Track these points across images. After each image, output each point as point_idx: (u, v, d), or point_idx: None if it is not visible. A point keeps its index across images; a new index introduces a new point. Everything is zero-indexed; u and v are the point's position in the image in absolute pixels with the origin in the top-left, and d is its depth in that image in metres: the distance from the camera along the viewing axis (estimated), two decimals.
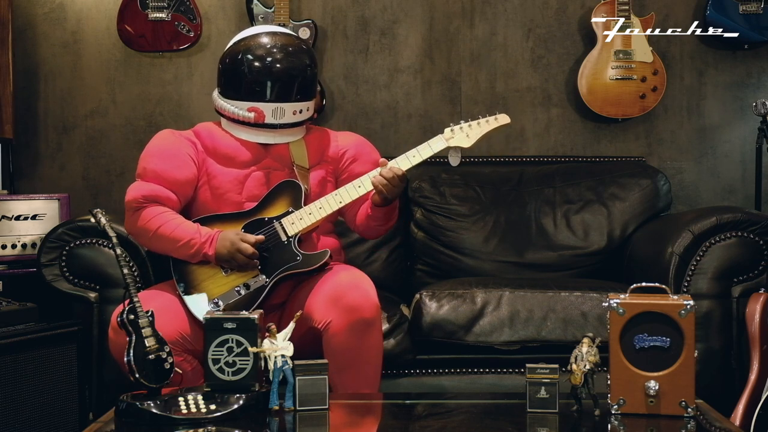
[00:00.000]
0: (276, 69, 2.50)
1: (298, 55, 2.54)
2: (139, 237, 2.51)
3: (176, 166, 2.48)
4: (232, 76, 2.53)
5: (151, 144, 2.54)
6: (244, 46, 2.54)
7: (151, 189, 2.45)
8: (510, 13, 3.70)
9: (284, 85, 2.51)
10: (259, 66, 2.50)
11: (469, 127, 2.53)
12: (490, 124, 2.54)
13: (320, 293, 2.36)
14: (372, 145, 2.72)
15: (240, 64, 2.51)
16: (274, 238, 2.44)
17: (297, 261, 2.42)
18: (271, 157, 2.55)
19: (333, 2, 3.70)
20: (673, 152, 3.70)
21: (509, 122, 2.56)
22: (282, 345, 2.00)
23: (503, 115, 2.55)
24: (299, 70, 2.53)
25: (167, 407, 1.94)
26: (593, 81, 3.56)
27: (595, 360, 1.94)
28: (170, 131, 2.59)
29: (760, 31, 3.53)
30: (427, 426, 2.03)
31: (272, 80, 2.50)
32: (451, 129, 2.52)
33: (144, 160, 2.51)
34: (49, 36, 3.70)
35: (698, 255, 2.73)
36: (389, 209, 2.53)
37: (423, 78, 3.71)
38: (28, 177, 3.69)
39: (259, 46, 2.53)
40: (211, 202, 2.52)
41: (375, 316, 2.34)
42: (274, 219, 2.46)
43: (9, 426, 2.57)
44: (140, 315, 2.01)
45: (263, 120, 2.51)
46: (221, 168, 2.52)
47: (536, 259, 3.24)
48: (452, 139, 2.52)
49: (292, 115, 2.53)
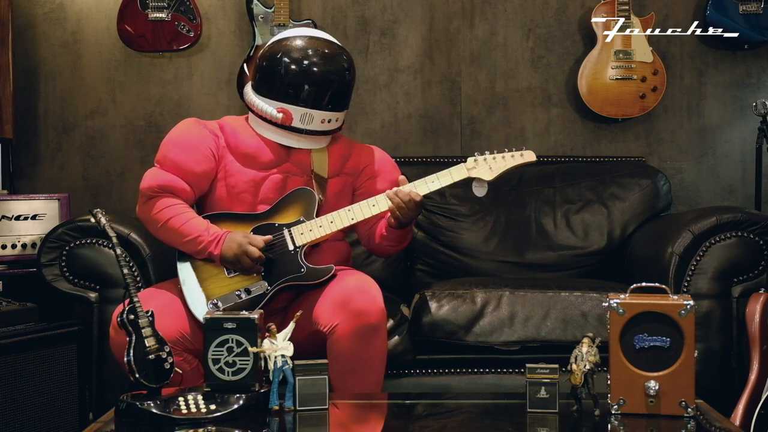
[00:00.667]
0: (312, 74, 2.47)
1: (336, 63, 2.51)
2: (148, 225, 2.49)
3: (195, 160, 2.46)
4: (267, 74, 2.51)
5: (175, 132, 2.52)
6: (285, 45, 2.50)
7: (167, 179, 2.43)
8: (510, 13, 3.71)
9: (317, 91, 2.48)
10: (296, 68, 2.47)
11: (493, 160, 2.48)
12: (515, 160, 2.49)
13: (327, 297, 2.35)
14: (394, 162, 2.70)
15: (277, 64, 2.48)
16: (281, 245, 2.42)
17: (301, 273, 2.41)
18: (292, 162, 2.52)
19: (333, 2, 3.70)
20: (673, 152, 3.70)
21: (535, 160, 2.51)
22: (282, 345, 2.00)
23: (529, 152, 2.50)
24: (335, 79, 2.49)
25: (167, 407, 1.94)
26: (593, 81, 3.56)
27: (595, 360, 1.94)
28: (195, 120, 2.56)
29: (760, 31, 3.54)
30: (427, 426, 2.03)
31: (307, 84, 2.47)
32: (475, 159, 2.49)
33: (165, 147, 2.48)
34: (49, 36, 3.70)
35: (698, 255, 2.73)
36: (404, 232, 2.52)
37: (423, 78, 3.71)
38: (28, 177, 3.69)
39: (299, 48, 2.49)
40: (226, 200, 2.50)
41: (381, 321, 2.33)
42: (284, 226, 2.43)
43: (9, 426, 2.57)
44: (140, 315, 2.01)
45: (290, 123, 2.48)
46: (240, 167, 2.50)
47: (536, 259, 3.24)
48: (474, 170, 2.48)
49: (320, 123, 2.51)
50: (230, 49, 3.69)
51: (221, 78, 3.69)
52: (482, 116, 3.71)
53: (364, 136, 3.64)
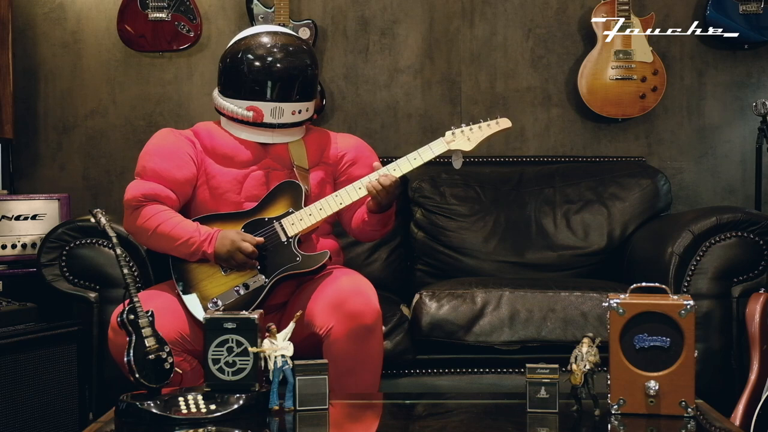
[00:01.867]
0: (276, 69, 2.50)
1: (298, 55, 2.53)
2: (138, 236, 2.51)
3: (176, 166, 2.47)
4: (231, 75, 2.53)
5: (151, 143, 2.54)
6: (245, 45, 2.53)
7: (150, 188, 2.45)
8: (510, 13, 3.70)
9: (284, 85, 2.50)
10: (259, 65, 2.50)
11: (470, 131, 2.52)
12: (491, 128, 2.53)
13: (321, 299, 2.35)
14: (371, 148, 2.71)
15: (240, 63, 2.51)
16: (274, 238, 2.43)
17: (297, 262, 2.42)
18: (271, 157, 2.54)
19: (333, 2, 3.70)
20: (673, 152, 3.70)
21: (510, 126, 2.55)
22: (282, 345, 2.00)
23: (504, 119, 2.55)
24: (299, 70, 2.52)
25: (167, 407, 1.94)
26: (593, 81, 3.56)
27: (595, 360, 1.94)
28: (169, 130, 2.59)
29: (760, 31, 3.53)
30: (427, 426, 2.03)
31: (272, 80, 2.50)
32: (453, 132, 2.52)
33: (143, 158, 2.50)
34: (49, 36, 3.70)
35: (698, 255, 2.73)
36: (385, 216, 2.53)
37: (423, 78, 3.71)
38: (28, 177, 3.69)
39: (259, 46, 2.52)
40: (210, 202, 2.51)
41: (376, 322, 2.34)
42: (274, 219, 2.45)
43: (9, 426, 2.57)
44: (140, 315, 2.01)
45: (262, 119, 2.51)
46: (220, 168, 2.51)
47: (536, 259, 3.24)
48: (453, 143, 2.51)
49: (291, 115, 2.53)
50: None
51: None
52: (482, 116, 3.67)
53: (364, 136, 3.61)
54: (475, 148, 2.52)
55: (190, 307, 2.37)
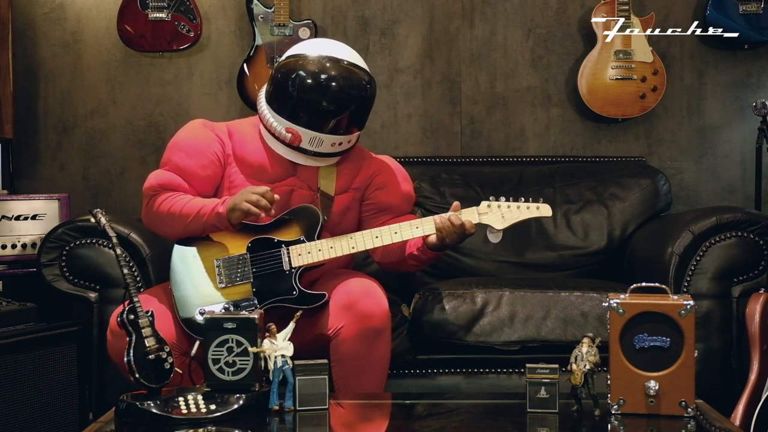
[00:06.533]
0: (324, 106, 2.35)
1: (353, 91, 2.36)
2: (154, 225, 2.44)
3: (200, 165, 2.42)
4: (280, 91, 2.39)
5: (180, 135, 2.47)
6: (302, 65, 2.37)
7: (168, 178, 2.41)
8: (510, 13, 3.70)
9: (328, 120, 2.37)
10: (309, 95, 2.34)
11: (507, 208, 2.37)
12: (530, 212, 2.37)
13: (332, 299, 2.33)
14: (407, 175, 2.61)
15: (291, 83, 2.36)
16: (277, 263, 2.36)
17: (293, 296, 2.34)
18: (298, 177, 2.46)
19: (333, 2, 3.70)
20: (673, 152, 3.70)
21: (550, 215, 2.40)
22: (282, 345, 2.00)
23: (546, 206, 2.38)
24: (350, 109, 2.37)
25: (167, 407, 1.94)
26: (593, 81, 3.56)
27: (595, 360, 1.94)
28: (202, 123, 2.51)
29: (760, 31, 3.53)
30: (427, 426, 2.03)
31: (317, 114, 2.36)
32: (488, 204, 2.37)
33: (170, 150, 2.45)
34: (49, 36, 3.70)
35: (698, 255, 2.73)
36: (438, 255, 2.46)
37: (423, 78, 3.71)
38: (28, 177, 3.69)
39: (316, 72, 2.35)
40: None
41: (385, 324, 2.32)
42: (283, 243, 2.37)
43: (9, 426, 2.57)
44: (140, 315, 2.01)
45: (299, 144, 2.40)
46: (244, 180, 2.44)
47: (536, 259, 3.24)
48: (485, 216, 2.37)
49: (330, 146, 2.41)
50: (230, 49, 3.69)
51: (221, 78, 3.69)
52: (482, 116, 3.71)
53: (364, 136, 3.63)
54: (507, 227, 2.37)
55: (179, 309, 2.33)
